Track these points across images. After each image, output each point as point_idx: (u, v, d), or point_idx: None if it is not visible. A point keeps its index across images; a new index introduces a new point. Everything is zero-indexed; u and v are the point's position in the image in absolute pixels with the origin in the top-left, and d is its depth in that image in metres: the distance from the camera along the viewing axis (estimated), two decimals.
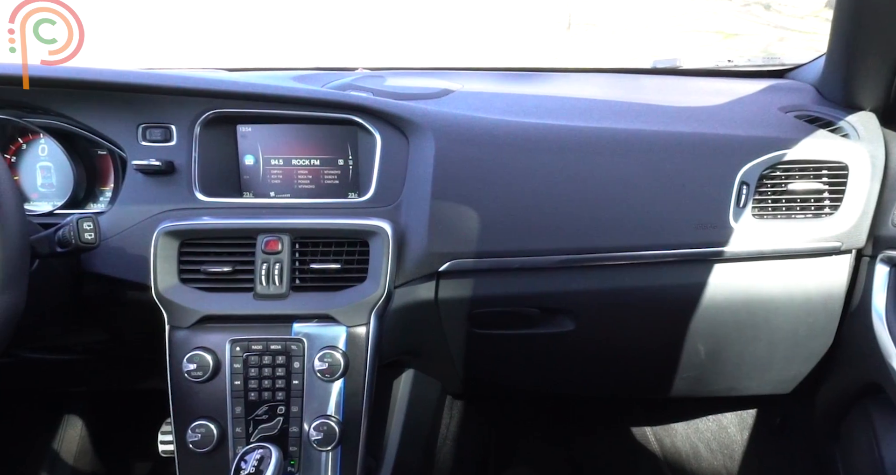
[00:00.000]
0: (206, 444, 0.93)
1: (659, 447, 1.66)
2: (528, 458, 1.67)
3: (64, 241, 0.84)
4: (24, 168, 1.13)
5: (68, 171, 1.13)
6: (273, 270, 0.96)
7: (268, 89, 1.03)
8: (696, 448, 1.59)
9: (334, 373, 0.93)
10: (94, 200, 1.14)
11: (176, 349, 0.96)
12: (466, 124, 1.01)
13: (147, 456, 1.67)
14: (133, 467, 1.68)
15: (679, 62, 1.49)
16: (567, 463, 1.67)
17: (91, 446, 1.65)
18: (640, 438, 1.68)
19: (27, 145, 1.13)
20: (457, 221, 0.96)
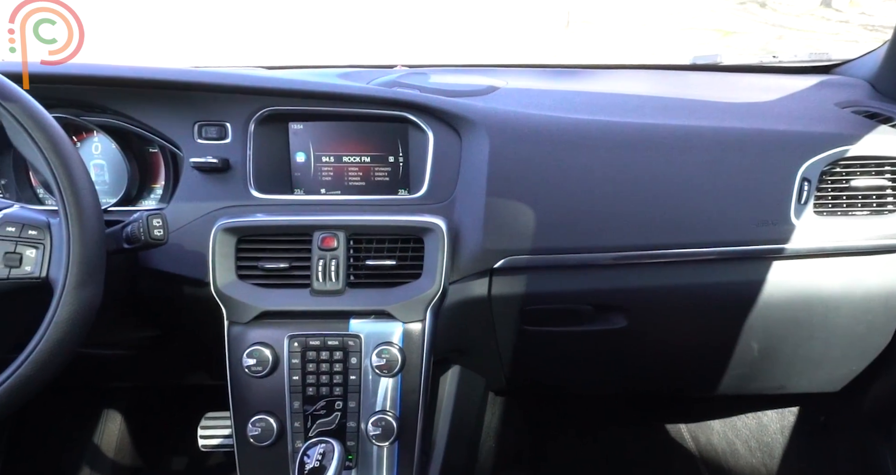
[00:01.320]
0: (266, 438, 0.94)
1: (694, 444, 1.65)
2: (562, 455, 1.67)
3: (132, 238, 0.85)
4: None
5: (121, 169, 1.14)
6: (329, 267, 0.96)
7: (322, 87, 1.04)
8: (734, 445, 1.59)
9: (392, 369, 0.94)
10: (145, 197, 1.16)
11: (235, 344, 0.97)
12: (520, 121, 1.01)
13: (185, 451, 1.69)
14: (171, 462, 1.70)
15: (719, 58, 1.48)
16: (601, 460, 1.67)
17: (130, 440, 1.67)
18: (674, 435, 1.67)
19: (81, 143, 1.14)
20: (512, 218, 0.96)
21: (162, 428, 1.71)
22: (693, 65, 1.48)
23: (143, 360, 1.37)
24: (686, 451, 1.65)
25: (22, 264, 0.74)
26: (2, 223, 0.75)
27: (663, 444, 1.67)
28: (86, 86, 1.01)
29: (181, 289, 1.04)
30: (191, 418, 1.65)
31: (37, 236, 0.75)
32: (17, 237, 0.75)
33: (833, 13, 5.34)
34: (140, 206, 1.14)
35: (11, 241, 0.74)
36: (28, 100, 0.74)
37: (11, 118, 0.73)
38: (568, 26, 5.02)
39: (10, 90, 0.73)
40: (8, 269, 0.74)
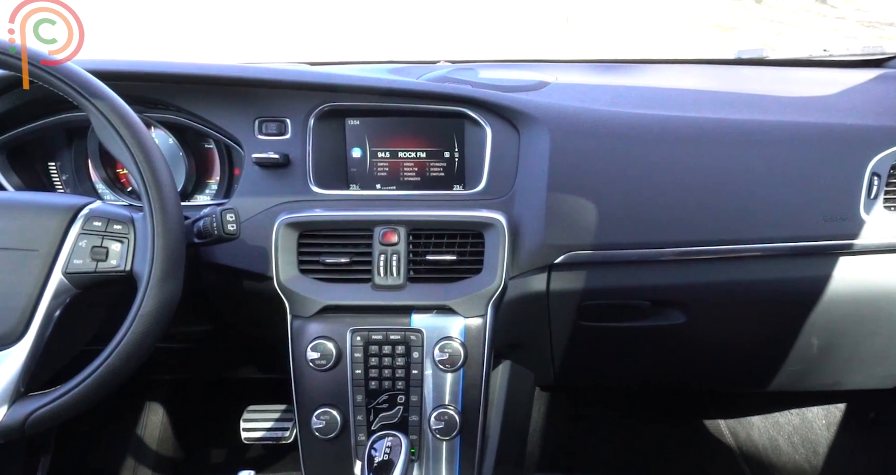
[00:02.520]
0: (330, 431, 0.95)
1: (734, 440, 1.65)
2: (601, 450, 1.68)
3: (205, 232, 0.86)
4: None
5: (178, 164, 1.15)
6: (391, 262, 0.97)
7: (382, 82, 1.04)
8: (776, 441, 1.58)
9: (454, 364, 0.95)
10: (200, 192, 1.17)
11: (298, 338, 0.98)
12: (580, 116, 1.01)
13: (226, 443, 1.71)
14: (212, 454, 1.72)
15: (765, 52, 1.47)
16: (638, 455, 1.67)
17: (172, 432, 1.69)
18: (713, 431, 1.67)
19: None
20: (573, 213, 0.96)
21: (203, 420, 1.73)
22: (738, 59, 1.47)
23: (192, 354, 1.39)
24: (725, 447, 1.64)
25: (108, 258, 0.76)
26: (89, 218, 0.76)
27: (702, 440, 1.67)
28: (152, 83, 1.02)
29: (241, 284, 1.05)
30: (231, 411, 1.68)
31: (121, 231, 0.77)
32: (103, 231, 0.76)
33: (829, 9, 5.30)
34: (194, 202, 1.16)
35: (98, 236, 0.76)
36: (114, 97, 0.76)
37: (99, 114, 0.74)
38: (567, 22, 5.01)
39: (97, 87, 0.75)
40: (95, 263, 0.76)
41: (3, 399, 0.73)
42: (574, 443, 1.66)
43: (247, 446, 1.69)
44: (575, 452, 1.65)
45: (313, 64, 1.53)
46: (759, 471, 1.57)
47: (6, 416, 0.73)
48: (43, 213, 0.76)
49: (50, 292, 0.75)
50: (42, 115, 1.07)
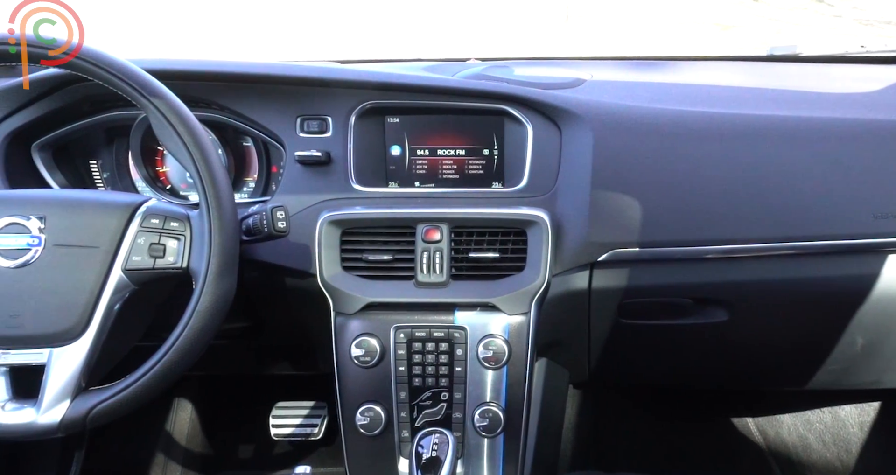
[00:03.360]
0: (374, 428, 0.96)
1: (762, 438, 1.64)
2: (628, 447, 1.67)
3: (254, 230, 0.86)
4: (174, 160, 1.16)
5: None
6: (434, 259, 0.97)
7: (423, 80, 1.05)
8: (806, 440, 1.58)
9: (499, 362, 0.95)
10: (238, 191, 1.17)
11: (341, 335, 0.98)
12: (623, 113, 1.01)
13: (255, 439, 1.72)
14: (240, 450, 1.73)
15: (798, 49, 1.46)
16: (665, 453, 1.67)
17: (201, 428, 1.71)
18: (741, 429, 1.66)
19: None
20: (618, 211, 0.96)
21: (231, 416, 1.74)
22: (771, 56, 1.46)
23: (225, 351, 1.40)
24: (753, 445, 1.64)
25: (165, 255, 0.77)
26: (146, 215, 0.77)
27: (729, 438, 1.66)
28: (199, 82, 1.03)
29: (283, 281, 1.06)
30: (259, 407, 1.69)
31: (178, 228, 0.77)
32: (160, 229, 0.77)
33: (826, 8, 5.28)
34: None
35: (156, 233, 0.77)
36: (172, 96, 0.76)
37: (158, 113, 0.75)
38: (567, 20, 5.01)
39: (155, 86, 0.75)
40: (153, 259, 0.76)
41: (66, 393, 0.74)
42: (600, 440, 1.66)
43: (275, 442, 1.70)
44: (601, 450, 1.65)
45: (343, 62, 1.53)
46: (788, 469, 1.56)
47: (69, 410, 0.74)
48: (103, 210, 0.77)
49: (110, 288, 0.76)
50: (84, 115, 1.08)
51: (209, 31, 4.16)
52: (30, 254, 0.74)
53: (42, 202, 0.77)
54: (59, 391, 0.74)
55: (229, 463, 1.70)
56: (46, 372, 0.74)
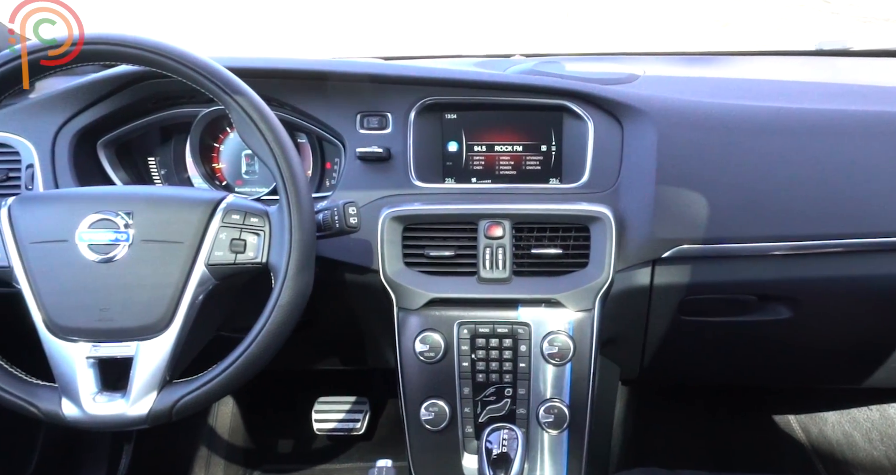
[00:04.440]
0: (439, 423, 0.96)
1: (805, 435, 1.63)
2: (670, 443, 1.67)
3: (325, 226, 0.87)
4: (230, 156, 1.18)
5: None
6: (497, 255, 0.98)
7: (485, 76, 1.04)
8: (852, 437, 1.56)
9: (564, 358, 0.95)
10: None
11: (405, 330, 0.99)
12: (687, 108, 1.01)
13: (296, 433, 1.74)
14: (282, 444, 1.75)
15: (848, 44, 1.44)
16: (705, 451, 1.66)
17: (243, 423, 1.72)
18: (783, 426, 1.65)
19: (234, 134, 1.17)
20: (684, 207, 0.96)
21: (273, 411, 1.76)
22: (820, 50, 1.45)
23: None
24: (797, 443, 1.63)
25: (246, 250, 0.77)
26: (227, 211, 0.78)
27: (771, 435, 1.65)
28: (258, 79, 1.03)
29: (343, 276, 1.06)
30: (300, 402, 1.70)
31: (258, 224, 0.78)
32: (241, 224, 0.78)
33: (824, 5, 5.24)
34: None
35: (237, 228, 0.78)
36: (253, 94, 0.77)
37: (241, 110, 0.76)
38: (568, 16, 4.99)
39: (238, 84, 0.76)
40: (234, 254, 0.77)
41: (153, 386, 0.76)
42: (640, 437, 1.66)
43: (315, 437, 1.71)
44: (642, 447, 1.65)
45: (386, 59, 1.54)
46: (832, 467, 1.55)
47: (156, 402, 0.75)
48: (187, 206, 0.78)
49: (194, 283, 0.77)
50: (146, 112, 1.09)
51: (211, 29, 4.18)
52: (118, 249, 0.75)
53: (129, 198, 0.78)
54: (147, 383, 0.75)
55: (271, 457, 1.71)
56: (134, 364, 0.76)
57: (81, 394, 0.75)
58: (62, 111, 1.02)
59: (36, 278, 0.75)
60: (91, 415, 0.75)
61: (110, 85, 1.01)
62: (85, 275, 0.75)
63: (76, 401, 0.75)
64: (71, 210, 0.76)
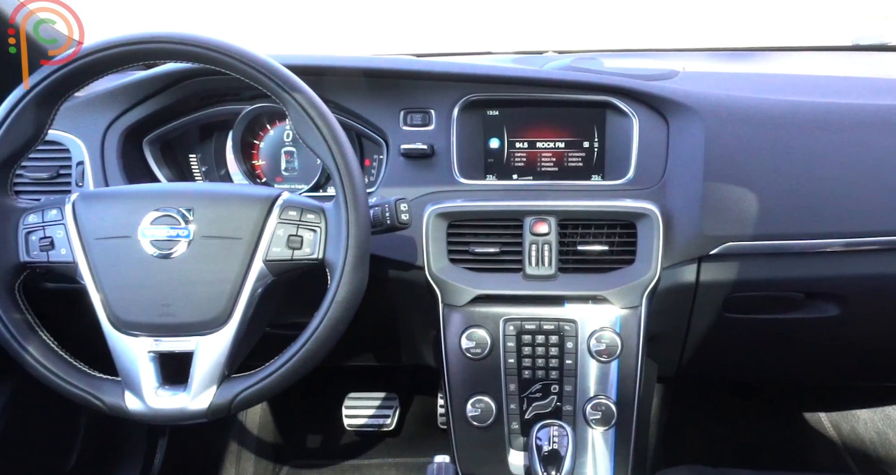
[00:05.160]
0: (485, 419, 0.97)
1: (836, 433, 1.62)
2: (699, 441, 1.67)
3: (376, 222, 0.87)
4: (269, 153, 1.18)
5: (310, 156, 1.17)
6: (542, 252, 0.98)
7: (529, 73, 1.04)
8: (885, 435, 1.55)
9: (612, 354, 0.95)
10: (331, 184, 1.18)
11: (450, 327, 0.99)
12: (734, 104, 1.00)
13: (325, 428, 1.75)
14: (310, 439, 1.76)
15: (886, 39, 1.43)
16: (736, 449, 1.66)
17: (272, 418, 1.74)
18: (814, 424, 1.64)
19: (274, 131, 1.17)
20: (732, 204, 0.95)
21: (302, 407, 1.77)
22: (857, 46, 1.43)
23: None
24: (828, 441, 1.62)
25: (302, 246, 0.78)
26: (284, 207, 0.78)
27: (802, 433, 1.65)
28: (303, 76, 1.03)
29: (386, 272, 1.07)
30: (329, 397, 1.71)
31: (314, 220, 0.79)
32: (297, 221, 0.78)
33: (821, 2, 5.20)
34: (326, 193, 1.17)
35: (293, 225, 0.78)
36: (310, 91, 0.77)
37: (299, 107, 0.76)
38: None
39: (296, 82, 0.76)
40: (291, 251, 0.78)
41: (213, 380, 0.76)
42: (672, 435, 1.66)
43: (344, 432, 1.72)
44: (673, 445, 1.64)
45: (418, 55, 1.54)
46: (866, 466, 1.54)
47: (216, 396, 0.76)
48: (245, 203, 0.78)
49: (252, 278, 0.77)
50: (191, 110, 1.10)
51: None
52: (179, 246, 0.76)
53: (190, 195, 0.79)
54: (207, 378, 0.76)
55: (300, 452, 1.72)
56: (194, 359, 0.76)
57: (144, 388, 0.76)
58: (111, 109, 1.03)
59: (100, 274, 0.76)
60: (153, 409, 0.76)
61: (158, 83, 1.02)
62: (147, 271, 0.76)
63: (139, 395, 0.76)
64: (133, 207, 0.77)
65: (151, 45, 0.74)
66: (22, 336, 0.75)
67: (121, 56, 0.74)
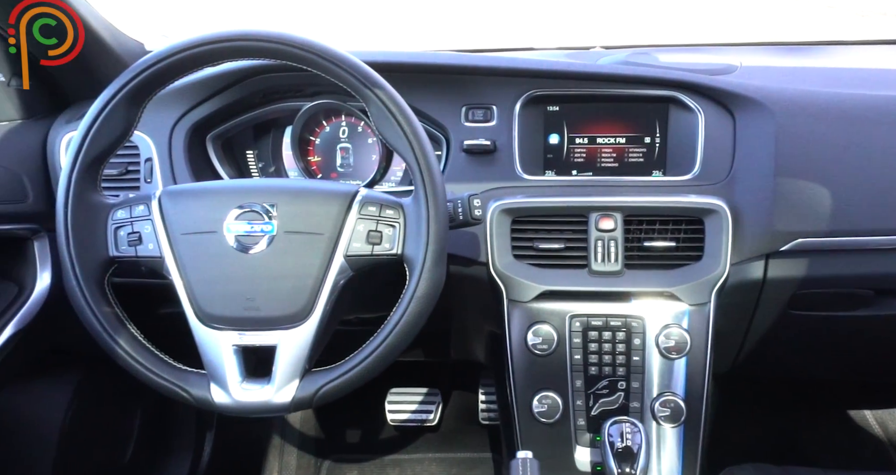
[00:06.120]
0: (552, 415, 0.96)
1: (882, 431, 1.61)
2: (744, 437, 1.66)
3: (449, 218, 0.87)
4: (325, 149, 1.18)
5: (367, 152, 1.17)
6: (609, 248, 0.97)
7: (593, 68, 1.04)
8: None
9: (681, 351, 0.95)
10: (386, 180, 1.18)
11: (515, 323, 0.99)
12: (804, 98, 0.99)
13: (365, 423, 1.75)
14: (349, 434, 1.77)
15: None
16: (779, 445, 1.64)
17: (315, 413, 1.75)
18: (858, 421, 1.63)
19: (330, 127, 1.18)
20: (806, 199, 0.94)
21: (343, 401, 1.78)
22: None
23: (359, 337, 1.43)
24: (873, 438, 1.60)
25: (382, 241, 0.78)
26: (363, 203, 0.78)
27: (846, 429, 1.63)
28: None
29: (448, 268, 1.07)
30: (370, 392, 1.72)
31: (393, 216, 0.79)
32: (377, 216, 0.78)
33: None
34: (382, 188, 1.18)
35: (373, 220, 0.78)
36: (390, 87, 0.77)
37: (380, 103, 0.76)
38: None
39: (376, 78, 0.76)
40: (371, 246, 0.78)
41: (295, 374, 0.77)
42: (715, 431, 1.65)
43: (384, 427, 1.73)
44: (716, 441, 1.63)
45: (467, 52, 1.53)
46: None
47: (298, 390, 0.76)
48: (326, 198, 0.79)
49: (333, 274, 0.77)
50: (253, 107, 1.11)
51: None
52: (264, 241, 0.76)
53: (272, 191, 0.79)
54: (289, 372, 0.77)
55: (341, 446, 1.73)
56: (276, 353, 0.77)
57: (229, 382, 0.76)
58: (178, 106, 1.04)
59: (186, 268, 0.77)
60: (239, 402, 0.76)
61: (225, 80, 1.02)
62: (231, 266, 0.76)
63: (225, 388, 0.76)
64: (218, 202, 0.78)
65: (239, 42, 0.74)
66: (113, 329, 0.76)
67: (210, 53, 0.75)
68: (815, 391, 1.68)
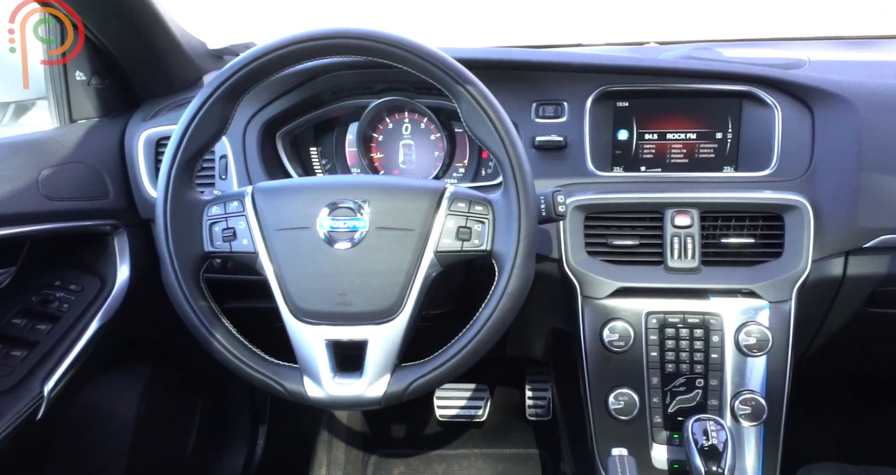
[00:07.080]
0: (628, 412, 0.96)
1: None
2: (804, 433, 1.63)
3: None
4: (388, 146, 1.18)
5: (429, 149, 1.17)
6: (685, 244, 0.96)
7: (665, 64, 1.03)
8: None
9: (762, 349, 0.93)
10: (448, 175, 1.18)
11: (591, 319, 0.99)
12: (887, 92, 0.97)
13: (411, 418, 1.76)
14: (395, 429, 1.77)
15: None
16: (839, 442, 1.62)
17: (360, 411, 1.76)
18: None
19: (393, 124, 1.18)
20: (889, 195, 0.93)
21: None
22: None
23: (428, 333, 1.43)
24: None
25: (471, 237, 0.78)
26: (453, 199, 0.78)
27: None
28: None
29: None
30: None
31: (482, 212, 0.78)
32: (466, 213, 0.78)
33: None
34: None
35: (462, 216, 0.78)
36: (481, 84, 0.77)
37: (471, 99, 0.76)
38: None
39: (467, 75, 0.76)
40: (461, 242, 0.77)
41: (386, 369, 0.77)
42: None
43: (429, 422, 1.73)
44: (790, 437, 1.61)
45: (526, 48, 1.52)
46: None
47: (390, 385, 0.77)
48: (416, 195, 0.78)
49: (423, 269, 0.77)
50: (321, 105, 1.11)
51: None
52: (356, 236, 0.77)
53: (363, 187, 0.79)
54: (380, 366, 0.77)
55: (388, 441, 1.74)
56: (367, 348, 0.77)
57: (322, 376, 0.77)
58: (251, 104, 1.04)
59: (280, 264, 0.77)
60: (332, 396, 0.77)
61: (297, 78, 1.03)
62: (325, 261, 0.77)
63: (318, 382, 0.77)
64: (310, 199, 0.78)
65: (332, 40, 0.74)
66: (209, 323, 0.76)
67: (304, 51, 0.75)
68: (879, 389, 1.65)
